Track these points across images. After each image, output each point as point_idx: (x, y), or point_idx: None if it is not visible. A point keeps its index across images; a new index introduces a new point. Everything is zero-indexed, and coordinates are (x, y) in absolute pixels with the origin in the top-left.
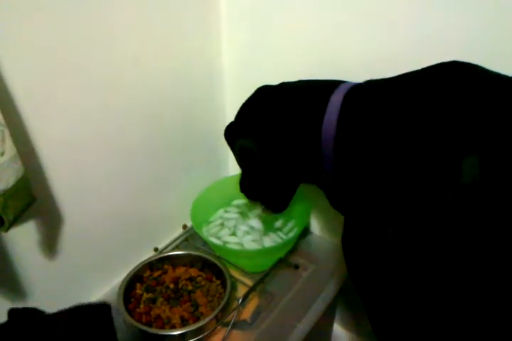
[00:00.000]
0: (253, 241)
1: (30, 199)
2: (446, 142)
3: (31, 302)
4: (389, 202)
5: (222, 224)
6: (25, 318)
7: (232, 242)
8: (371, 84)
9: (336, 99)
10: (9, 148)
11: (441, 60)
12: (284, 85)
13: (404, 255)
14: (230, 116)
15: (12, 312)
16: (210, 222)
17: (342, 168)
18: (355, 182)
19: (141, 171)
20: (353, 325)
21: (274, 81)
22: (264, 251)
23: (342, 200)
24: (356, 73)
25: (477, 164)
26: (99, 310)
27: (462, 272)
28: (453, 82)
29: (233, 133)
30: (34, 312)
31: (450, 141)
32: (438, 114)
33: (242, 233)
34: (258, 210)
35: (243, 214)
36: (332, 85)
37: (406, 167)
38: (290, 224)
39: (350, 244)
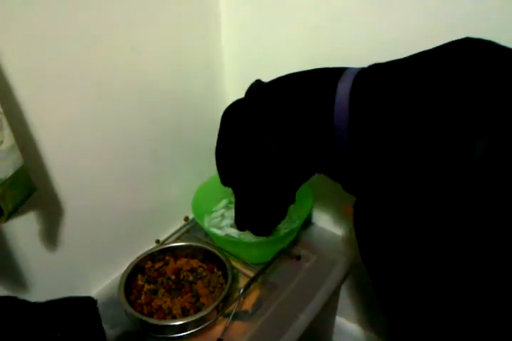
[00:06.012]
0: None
1: (30, 190)
2: (460, 123)
3: (32, 293)
4: (403, 179)
5: (222, 215)
6: (8, 306)
7: (234, 234)
8: (381, 67)
9: (345, 86)
10: (7, 137)
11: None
12: (275, 84)
13: (417, 231)
14: None
15: None
16: (212, 212)
17: (359, 156)
18: (373, 166)
19: (143, 162)
20: (355, 316)
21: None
22: (266, 242)
23: (356, 182)
24: (363, 59)
25: (487, 147)
26: (85, 303)
27: (476, 244)
28: (468, 58)
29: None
30: (15, 302)
31: (464, 123)
32: (453, 93)
33: None
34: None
35: None
36: (335, 73)
37: (420, 152)
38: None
39: (364, 222)
